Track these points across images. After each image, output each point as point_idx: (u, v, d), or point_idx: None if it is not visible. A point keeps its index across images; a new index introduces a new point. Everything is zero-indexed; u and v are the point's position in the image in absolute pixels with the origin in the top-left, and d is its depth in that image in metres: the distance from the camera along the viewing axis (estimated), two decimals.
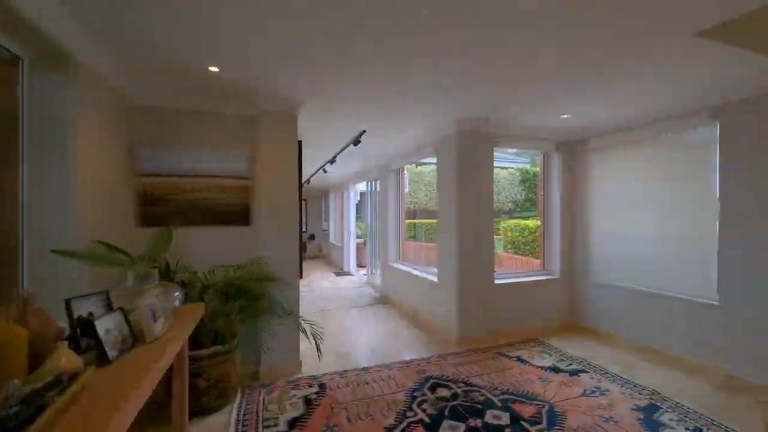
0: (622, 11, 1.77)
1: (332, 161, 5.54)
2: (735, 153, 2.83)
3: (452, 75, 2.53)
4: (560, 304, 4.23)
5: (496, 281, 3.95)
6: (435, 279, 4.28)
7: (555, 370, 3.13)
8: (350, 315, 4.98)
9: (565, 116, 3.51)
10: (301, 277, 3.30)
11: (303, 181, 9.13)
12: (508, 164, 11.01)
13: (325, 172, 6.53)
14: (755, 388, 2.61)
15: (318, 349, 2.72)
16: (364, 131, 4.02)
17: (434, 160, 4.49)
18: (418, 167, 9.91)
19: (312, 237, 12.94)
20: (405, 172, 5.69)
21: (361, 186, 9.15)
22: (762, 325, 2.65)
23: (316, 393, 2.76)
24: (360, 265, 9.04)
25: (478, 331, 3.79)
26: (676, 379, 2.93)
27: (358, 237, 9.70)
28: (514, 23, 1.87)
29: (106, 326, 1.26)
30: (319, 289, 6.71)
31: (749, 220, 2.75)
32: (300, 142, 3.34)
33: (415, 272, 4.84)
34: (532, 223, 6.24)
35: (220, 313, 2.54)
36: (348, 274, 8.33)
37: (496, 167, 4.36)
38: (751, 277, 2.73)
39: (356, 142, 4.19)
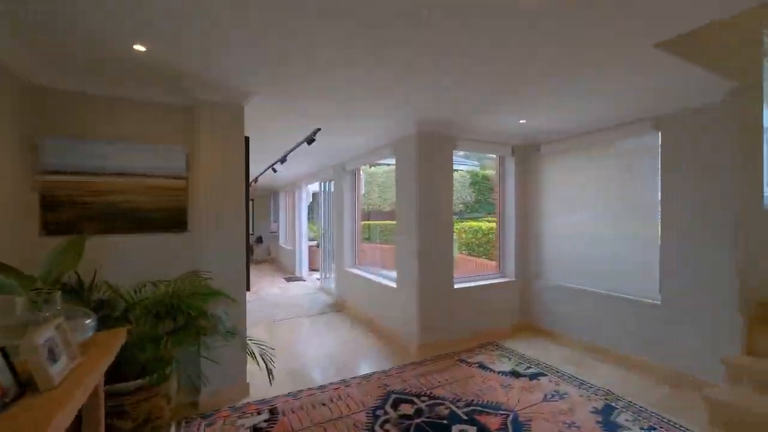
0: (583, 20, 1.74)
1: (283, 160, 5.17)
2: (674, 160, 3.02)
3: (415, 76, 2.39)
4: (516, 305, 4.30)
5: (455, 285, 3.90)
6: (393, 285, 4.13)
7: (515, 374, 3.12)
8: (303, 325, 4.66)
9: (522, 121, 3.54)
10: (248, 290, 2.95)
11: (252, 181, 8.56)
12: (458, 167, 11.27)
13: (274, 171, 6.11)
14: (698, 383, 2.78)
15: (269, 372, 2.41)
16: (319, 129, 3.76)
17: (392, 161, 4.35)
18: (372, 167, 9.76)
19: (260, 240, 12.23)
20: (362, 173, 5.49)
21: (314, 186, 8.79)
22: (698, 323, 2.84)
23: (266, 420, 2.45)
24: (313, 269, 8.67)
25: (438, 337, 3.71)
26: (625, 377, 3.06)
27: (310, 239, 9.30)
28: (479, 31, 1.76)
29: None
30: (268, 296, 6.26)
31: (685, 223, 2.94)
32: (247, 139, 2.99)
33: (373, 278, 4.66)
34: (485, 225, 6.36)
35: (149, 337, 2.14)
36: (300, 279, 7.93)
37: None
38: (687, 277, 2.92)
39: (310, 140, 3.90)
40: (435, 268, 3.71)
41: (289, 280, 7.84)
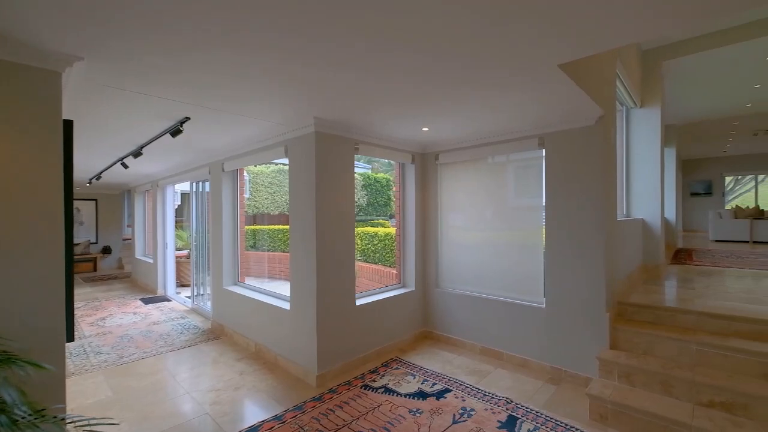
0: (497, 39, 1.62)
1: (137, 154, 4.04)
2: (555, 175, 3.29)
3: (315, 69, 1.96)
4: (417, 315, 4.22)
5: (357, 301, 3.58)
6: (286, 306, 3.57)
7: (422, 395, 2.96)
8: (166, 364, 3.68)
9: (425, 129, 3.44)
10: (71, 340, 2.05)
11: (92, 178, 6.66)
12: None
13: (125, 167, 4.80)
14: (581, 380, 3.07)
15: None
16: (187, 119, 2.96)
17: (283, 160, 3.78)
18: (258, 166, 8.76)
19: (107, 250, 9.82)
20: (246, 173, 4.70)
21: (184, 186, 7.40)
22: (576, 323, 3.15)
23: None
24: (183, 285, 7.26)
25: (339, 362, 3.32)
26: (520, 380, 3.20)
27: (178, 249, 7.81)
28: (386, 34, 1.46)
29: None
30: (116, 328, 4.87)
31: (564, 232, 3.23)
32: (70, 123, 2.08)
33: (260, 297, 3.98)
34: (382, 231, 6.25)
35: None
36: (163, 299, 6.50)
37: None
38: (566, 281, 3.22)
39: (175, 132, 3.05)
40: (336, 283, 3.32)
41: (148, 301, 6.35)
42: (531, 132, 3.39)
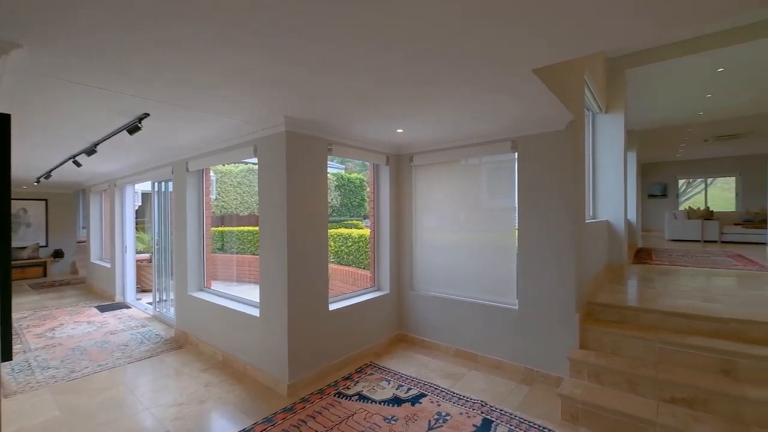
0: (476, 45, 1.59)
1: (90, 152, 3.74)
2: (527, 178, 3.34)
3: (283, 67, 1.86)
4: (391, 318, 4.17)
5: (331, 306, 3.48)
6: (256, 313, 3.41)
7: (397, 402, 2.90)
8: (125, 377, 3.43)
9: (400, 130, 3.39)
10: (8, 359, 1.83)
11: (41, 176, 6.13)
12: None
13: (78, 165, 4.44)
14: (553, 380, 3.12)
15: None
16: (147, 115, 2.76)
17: (254, 160, 3.61)
18: (226, 165, 8.42)
19: (58, 254, 9.13)
20: (212, 173, 4.47)
21: (145, 186, 6.98)
22: (548, 323, 3.20)
23: None
24: (144, 291, 6.85)
25: (312, 370, 3.21)
26: (494, 382, 3.22)
27: (139, 252, 7.37)
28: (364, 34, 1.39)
29: None
30: (67, 339, 4.50)
31: (535, 234, 3.28)
32: (7, 117, 1.86)
33: (228, 304, 3.79)
34: (356, 232, 6.15)
35: None
36: (122, 306, 6.10)
37: None
38: (538, 282, 3.27)
39: (133, 128, 2.83)
40: (308, 287, 3.21)
41: (105, 309, 5.93)
42: (504, 135, 3.42)
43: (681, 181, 13.14)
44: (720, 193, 12.80)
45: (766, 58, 4.58)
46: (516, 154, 3.42)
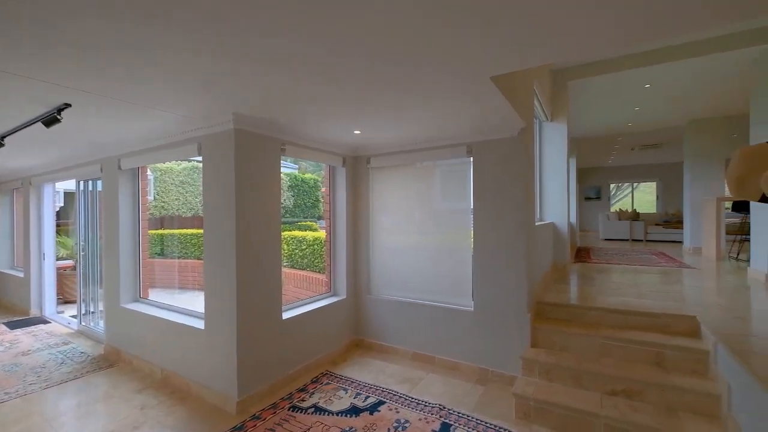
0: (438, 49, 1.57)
1: None
2: (481, 182, 3.41)
3: (228, 61, 1.70)
4: (348, 324, 4.06)
5: (284, 315, 3.30)
6: (200, 325, 3.13)
7: (355, 411, 2.81)
8: (41, 406, 2.97)
9: (357, 132, 3.30)
10: None
11: None
12: None
13: None
14: (507, 379, 3.20)
15: None
16: (68, 105, 2.40)
17: (198, 158, 3.32)
18: (166, 163, 7.76)
19: None
20: (149, 171, 4.06)
21: (68, 184, 6.20)
22: (502, 324, 3.29)
23: None
24: (67, 302, 6.08)
25: (264, 383, 3.02)
26: (451, 383, 3.24)
27: (61, 258, 6.54)
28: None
29: None
30: None
31: (488, 236, 3.37)
32: None
33: (167, 316, 3.45)
34: (310, 235, 5.95)
35: None
36: (38, 321, 5.35)
37: None
38: (492, 283, 3.35)
39: (50, 120, 2.46)
40: (259, 295, 3.01)
41: (16, 325, 5.16)
42: (460, 140, 3.47)
43: (612, 185, 14.44)
44: (643, 196, 14.29)
45: (681, 77, 5.14)
46: (471, 158, 3.48)
